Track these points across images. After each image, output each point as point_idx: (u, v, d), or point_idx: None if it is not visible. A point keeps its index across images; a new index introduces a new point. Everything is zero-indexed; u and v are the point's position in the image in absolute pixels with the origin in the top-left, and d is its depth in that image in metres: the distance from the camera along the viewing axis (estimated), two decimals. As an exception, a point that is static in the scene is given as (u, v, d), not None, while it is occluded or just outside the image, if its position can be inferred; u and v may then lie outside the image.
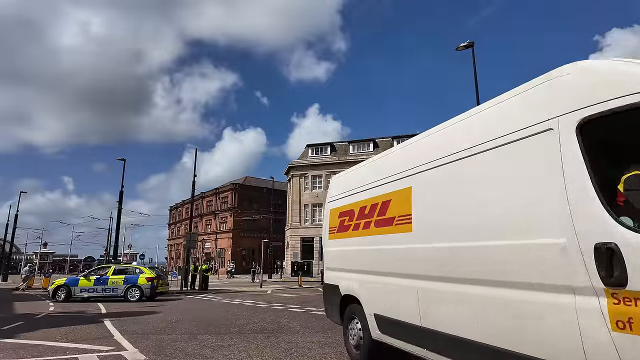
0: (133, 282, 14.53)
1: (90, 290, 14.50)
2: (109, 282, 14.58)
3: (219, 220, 52.50)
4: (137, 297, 14.22)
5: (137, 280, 14.56)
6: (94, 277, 15.06)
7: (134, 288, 14.42)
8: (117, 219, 30.65)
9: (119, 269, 15.56)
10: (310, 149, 45.03)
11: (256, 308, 10.93)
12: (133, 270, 15.38)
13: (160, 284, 15.13)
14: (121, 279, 14.65)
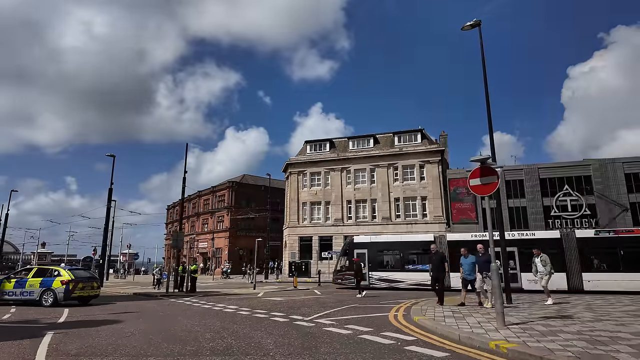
0: (48, 285, 13.27)
1: (9, 294, 13.46)
2: (26, 285, 13.43)
3: (215, 219, 51.23)
4: (51, 302, 12.99)
5: (51, 283, 13.26)
6: (14, 279, 13.90)
7: (49, 292, 13.19)
8: (106, 218, 29.41)
9: (40, 270, 14.31)
10: (308, 145, 43.65)
11: (235, 316, 9.55)
12: (52, 273, 13.97)
13: (81, 288, 13.48)
14: (38, 282, 13.45)
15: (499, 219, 13.46)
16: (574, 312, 9.13)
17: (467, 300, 12.07)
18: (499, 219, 13.46)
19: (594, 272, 17.68)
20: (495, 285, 6.74)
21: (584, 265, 17.81)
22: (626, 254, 17.61)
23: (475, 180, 7.36)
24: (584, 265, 17.82)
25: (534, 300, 12.83)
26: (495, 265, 6.85)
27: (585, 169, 32.26)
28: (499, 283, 6.76)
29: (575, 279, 17.76)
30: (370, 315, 9.19)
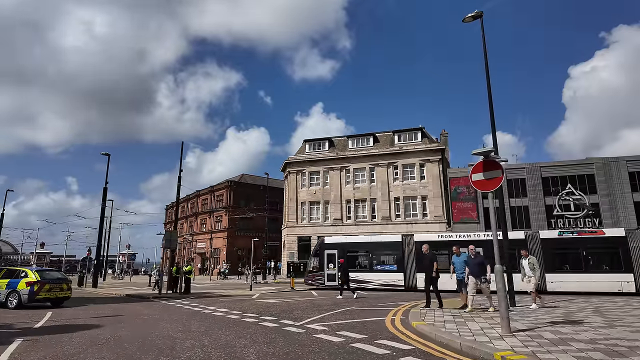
0: (14, 287, 12.89)
1: None
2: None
3: (214, 219, 50.70)
4: (15, 304, 12.61)
5: (17, 285, 12.86)
6: None
7: (14, 293, 12.80)
8: (100, 218, 28.85)
9: (9, 272, 13.94)
10: (307, 144, 43.11)
11: (222, 321, 9.00)
12: (19, 274, 13.55)
13: (48, 289, 13.00)
14: (5, 284, 13.10)
15: (502, 219, 12.90)
16: (582, 316, 8.57)
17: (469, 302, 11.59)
18: (501, 218, 12.90)
19: (557, 272, 17.62)
20: (500, 289, 6.18)
21: (548, 266, 17.64)
22: (588, 254, 17.63)
23: (478, 175, 6.80)
24: (547, 266, 17.64)
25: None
26: (500, 267, 6.29)
27: (589, 167, 31.67)
28: (504, 286, 6.21)
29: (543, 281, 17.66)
30: (365, 319, 8.63)
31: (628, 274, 16.72)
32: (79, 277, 28.60)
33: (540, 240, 18.48)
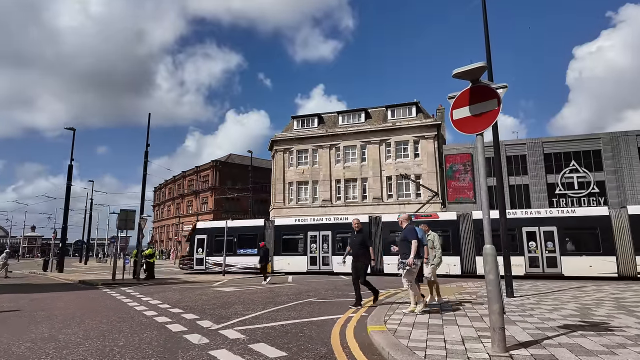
0: None
1: None
2: None
3: (200, 200, 48.58)
4: None
5: None
6: None
7: None
8: (66, 197, 26.69)
9: None
10: (295, 120, 40.58)
11: (125, 319, 6.86)
12: None
13: None
14: None
15: (500, 197, 10.65)
16: (604, 314, 6.42)
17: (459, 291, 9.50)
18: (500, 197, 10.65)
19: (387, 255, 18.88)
20: (492, 281, 3.99)
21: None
22: None
23: (462, 111, 4.51)
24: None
25: (539, 290, 10.20)
26: (491, 249, 4.08)
27: (595, 142, 29.33)
28: (496, 277, 4.00)
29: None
30: (312, 319, 6.48)
31: (455, 256, 17.75)
32: (43, 262, 26.59)
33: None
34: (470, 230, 18.22)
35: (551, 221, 17.05)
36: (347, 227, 19.65)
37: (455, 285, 12.65)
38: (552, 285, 12.07)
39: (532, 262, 16.96)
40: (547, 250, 16.78)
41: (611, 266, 15.66)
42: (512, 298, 8.90)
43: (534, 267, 16.91)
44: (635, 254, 15.59)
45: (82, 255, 46.05)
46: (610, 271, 15.61)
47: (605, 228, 16.17)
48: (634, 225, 15.95)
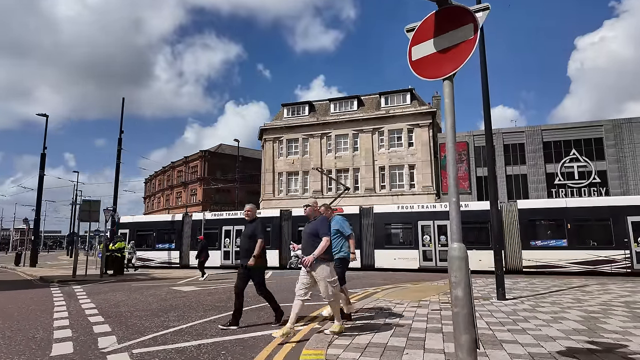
0: None
1: None
2: None
3: (189, 191, 47.18)
4: None
5: None
6: None
7: None
8: (38, 188, 25.27)
9: None
10: (285, 108, 39.03)
11: (19, 335, 5.52)
12: None
13: None
14: None
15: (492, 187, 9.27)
16: (617, 329, 5.06)
17: (384, 296, 8.19)
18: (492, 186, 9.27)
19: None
20: (459, 297, 2.62)
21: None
22: None
23: (424, 47, 3.10)
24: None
25: (535, 289, 8.84)
26: (460, 249, 2.70)
27: (597, 130, 27.89)
28: (467, 294, 2.61)
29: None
30: (245, 336, 5.12)
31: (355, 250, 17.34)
32: (15, 255, 25.25)
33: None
34: (371, 224, 18.47)
35: (445, 215, 16.95)
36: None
37: (411, 285, 11.32)
38: (551, 283, 10.76)
39: (426, 255, 17.25)
40: (440, 244, 17.01)
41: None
42: (504, 301, 7.57)
43: (427, 260, 17.25)
44: (522, 248, 15.75)
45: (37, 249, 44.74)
46: None
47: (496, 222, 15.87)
48: (523, 220, 16.04)
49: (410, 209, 18.38)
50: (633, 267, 14.63)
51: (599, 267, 14.88)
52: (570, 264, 15.20)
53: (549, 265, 15.29)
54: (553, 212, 16.08)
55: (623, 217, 14.96)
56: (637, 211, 14.97)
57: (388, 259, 17.77)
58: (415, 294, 9.28)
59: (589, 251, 15.13)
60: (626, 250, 14.70)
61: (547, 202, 17.62)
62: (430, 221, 17.53)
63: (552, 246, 15.55)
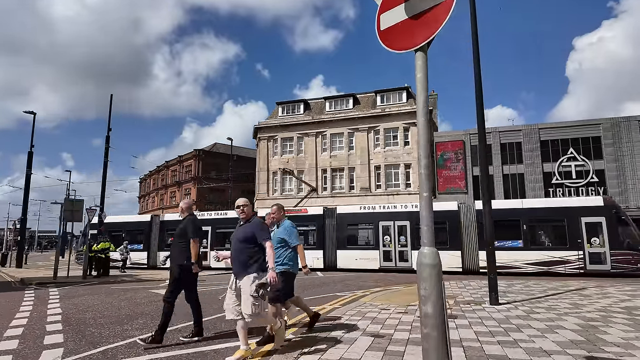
0: None
1: None
2: None
3: (183, 191, 46.62)
4: None
5: None
6: None
7: None
8: (25, 186, 24.70)
9: None
10: (280, 107, 38.53)
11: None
12: None
13: None
14: None
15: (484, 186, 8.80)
16: (619, 340, 4.59)
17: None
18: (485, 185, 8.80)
19: None
20: (429, 319, 2.13)
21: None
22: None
23: (394, 14, 2.62)
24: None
25: (531, 292, 8.37)
26: (431, 255, 2.22)
27: (595, 129, 27.49)
28: (438, 313, 2.12)
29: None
30: (203, 349, 4.64)
31: (319, 250, 18.06)
32: (1, 256, 24.66)
33: None
34: (335, 224, 18.50)
35: (405, 215, 17.12)
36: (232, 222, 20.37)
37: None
38: (548, 286, 10.29)
39: (386, 256, 17.19)
40: (400, 244, 17.06)
41: (457, 261, 15.86)
42: (496, 307, 7.10)
43: (387, 261, 17.22)
44: (479, 249, 15.60)
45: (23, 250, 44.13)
46: (456, 266, 15.82)
47: (454, 222, 16.30)
48: (480, 220, 15.72)
49: (372, 210, 18.44)
50: (586, 268, 14.65)
51: (553, 268, 14.83)
52: (525, 264, 15.18)
53: (505, 266, 15.05)
54: (510, 213, 16.03)
55: (577, 218, 14.94)
56: (591, 212, 14.93)
57: (350, 259, 17.72)
58: (405, 298, 8.81)
59: (544, 252, 15.12)
60: (580, 251, 14.69)
61: (504, 203, 17.52)
62: (391, 222, 17.47)
63: (508, 247, 15.48)
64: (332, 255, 18.30)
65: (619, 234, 14.59)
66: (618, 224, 14.72)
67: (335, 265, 18.03)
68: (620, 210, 15.31)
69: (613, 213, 14.79)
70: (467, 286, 10.81)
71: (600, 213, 14.79)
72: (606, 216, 14.71)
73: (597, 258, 14.56)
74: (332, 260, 18.19)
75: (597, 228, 14.75)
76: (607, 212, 14.78)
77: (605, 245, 14.46)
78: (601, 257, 14.52)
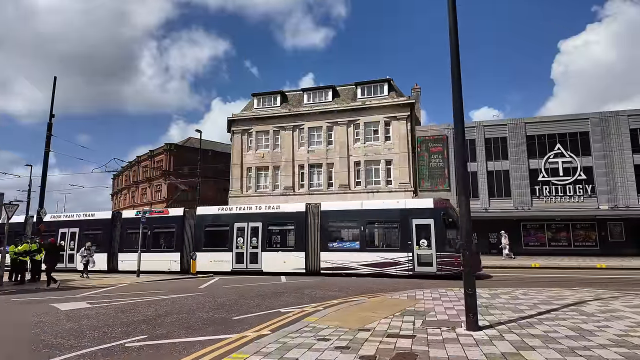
0: None
1: None
2: None
3: (153, 188, 44.05)
4: None
5: None
6: None
7: None
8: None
9: None
10: (256, 99, 36.41)
11: None
12: None
13: None
14: None
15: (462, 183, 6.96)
16: None
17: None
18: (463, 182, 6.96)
19: (126, 252, 18.55)
20: None
21: (122, 245, 18.89)
22: (157, 234, 18.69)
23: None
24: (122, 244, 18.91)
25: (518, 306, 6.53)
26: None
27: (583, 123, 26.19)
28: None
29: (112, 260, 18.93)
30: None
31: (176, 253, 17.73)
32: None
33: (121, 220, 19.64)
34: (193, 226, 18.19)
35: (258, 217, 17.12)
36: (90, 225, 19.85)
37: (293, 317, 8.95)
38: (537, 298, 8.53)
39: (239, 258, 16.98)
40: (252, 246, 16.94)
41: (301, 262, 15.92)
42: (475, 333, 5.25)
43: (239, 263, 17.04)
44: (321, 250, 15.81)
45: None
46: (300, 267, 15.91)
47: (300, 224, 16.31)
48: (324, 222, 16.10)
49: (228, 211, 18.32)
50: (414, 270, 14.68)
51: (385, 270, 14.86)
52: (361, 266, 15.23)
53: (343, 267, 15.40)
54: (350, 214, 16.15)
55: (409, 220, 14.99)
56: (421, 214, 14.99)
57: (205, 261, 17.26)
58: (361, 315, 6.94)
59: (377, 253, 15.22)
60: (410, 253, 14.76)
61: (346, 205, 17.55)
62: (245, 223, 17.25)
63: (346, 248, 15.70)
64: (115, 258, 18.22)
65: (446, 237, 14.67)
66: (445, 227, 14.75)
67: (116, 267, 18.18)
68: (450, 213, 15.08)
69: (441, 215, 14.80)
70: (443, 296, 9.01)
71: (429, 215, 14.89)
72: (435, 218, 14.78)
73: (425, 260, 14.65)
74: (114, 263, 18.27)
75: (426, 230, 14.83)
76: (435, 215, 14.83)
77: (432, 248, 14.56)
78: (428, 259, 14.60)
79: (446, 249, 14.50)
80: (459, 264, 14.06)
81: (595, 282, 12.65)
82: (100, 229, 19.69)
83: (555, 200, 25.58)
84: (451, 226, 14.80)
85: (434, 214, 14.86)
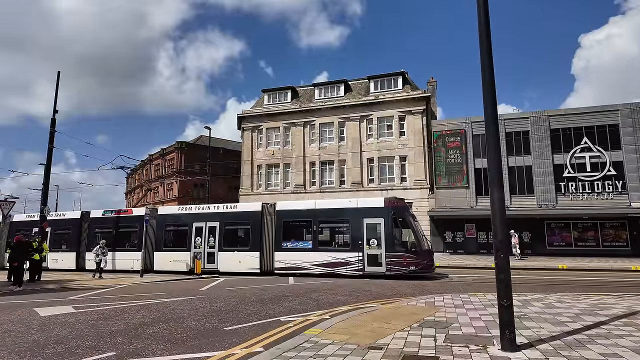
0: None
1: None
2: None
3: (165, 186, 43.82)
4: None
5: None
6: None
7: None
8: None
9: None
10: (266, 95, 35.66)
11: None
12: None
13: None
14: None
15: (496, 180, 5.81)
16: None
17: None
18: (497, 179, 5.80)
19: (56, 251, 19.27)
20: None
21: (90, 244, 18.49)
22: (121, 234, 18.72)
23: None
24: (90, 243, 18.63)
25: (556, 317, 5.48)
26: None
27: (612, 116, 24.49)
28: None
29: (80, 259, 19.06)
30: None
31: (138, 252, 17.16)
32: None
33: (89, 219, 19.64)
34: (156, 225, 17.97)
35: (216, 217, 17.02)
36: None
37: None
38: (577, 307, 7.40)
39: (196, 258, 16.76)
40: (209, 245, 16.86)
41: (256, 262, 15.83)
42: (514, 355, 4.23)
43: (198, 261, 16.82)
44: (275, 249, 15.73)
45: None
46: (255, 267, 15.83)
47: (256, 224, 16.23)
48: (279, 222, 16.04)
49: (188, 211, 18.12)
50: (364, 270, 14.41)
51: (336, 270, 14.67)
52: (313, 265, 15.07)
53: (296, 267, 15.28)
54: (304, 214, 16.03)
55: (360, 219, 14.74)
56: (371, 213, 14.68)
57: (164, 261, 17.23)
58: (373, 326, 5.98)
59: (329, 253, 15.05)
60: (360, 252, 14.52)
61: (301, 204, 17.25)
62: (203, 223, 17.13)
63: (299, 248, 15.55)
64: (150, 257, 17.64)
65: (395, 236, 14.44)
66: (395, 226, 14.55)
67: (152, 267, 17.50)
68: (401, 212, 14.83)
69: (391, 215, 14.50)
70: (467, 303, 7.96)
71: (380, 214, 14.61)
72: (384, 218, 14.50)
73: (374, 260, 14.37)
74: (150, 263, 17.58)
75: (376, 230, 14.55)
76: (385, 214, 14.55)
77: (382, 247, 14.30)
78: (377, 259, 14.31)
79: (396, 248, 14.27)
80: (408, 264, 14.00)
81: (634, 287, 11.35)
82: (70, 228, 19.73)
83: (582, 197, 24.00)
84: (402, 225, 14.67)
85: (383, 213, 14.59)
